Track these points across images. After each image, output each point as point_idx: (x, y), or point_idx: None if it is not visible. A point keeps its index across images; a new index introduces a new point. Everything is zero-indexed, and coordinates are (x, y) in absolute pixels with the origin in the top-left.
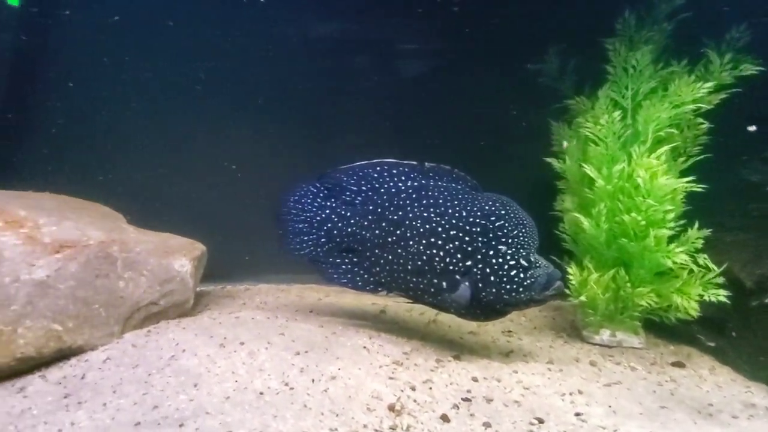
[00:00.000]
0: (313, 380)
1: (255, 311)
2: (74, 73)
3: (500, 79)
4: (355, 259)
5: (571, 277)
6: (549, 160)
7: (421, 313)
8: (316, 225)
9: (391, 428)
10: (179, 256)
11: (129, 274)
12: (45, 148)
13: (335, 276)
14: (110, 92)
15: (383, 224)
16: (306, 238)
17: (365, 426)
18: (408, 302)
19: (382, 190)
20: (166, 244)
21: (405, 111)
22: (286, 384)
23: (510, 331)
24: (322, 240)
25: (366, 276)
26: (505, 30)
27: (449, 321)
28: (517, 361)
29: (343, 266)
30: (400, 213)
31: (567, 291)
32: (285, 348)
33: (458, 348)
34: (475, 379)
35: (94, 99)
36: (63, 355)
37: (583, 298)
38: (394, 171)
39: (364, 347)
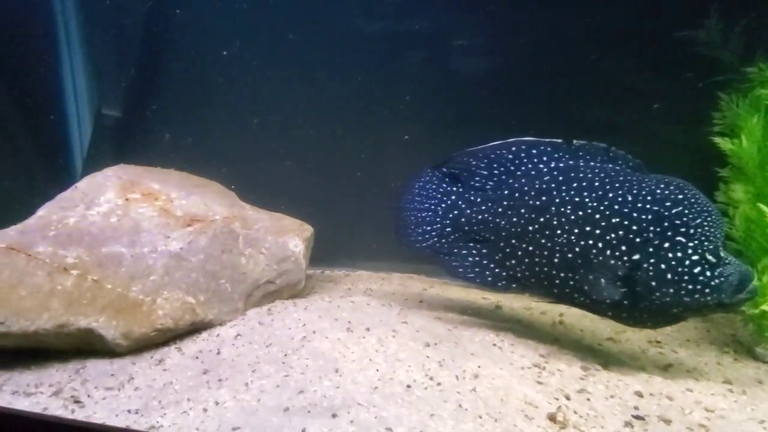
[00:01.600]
0: (456, 377)
1: (366, 297)
2: (198, 64)
3: (643, 50)
4: (484, 251)
5: None
6: (717, 140)
7: (542, 312)
8: (441, 213)
9: None
10: (293, 236)
11: (249, 251)
12: (171, 134)
13: (460, 270)
14: (229, 83)
15: (522, 211)
16: (428, 228)
17: None
18: (549, 302)
19: (519, 173)
20: (279, 223)
21: (530, 91)
22: (431, 378)
23: (658, 342)
24: (447, 230)
25: (498, 270)
26: None
27: (578, 324)
28: (684, 378)
29: (470, 258)
30: (544, 198)
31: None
32: (412, 338)
33: (601, 356)
34: (639, 394)
35: (216, 91)
36: (195, 328)
37: (765, 307)
38: (534, 151)
39: (494, 345)
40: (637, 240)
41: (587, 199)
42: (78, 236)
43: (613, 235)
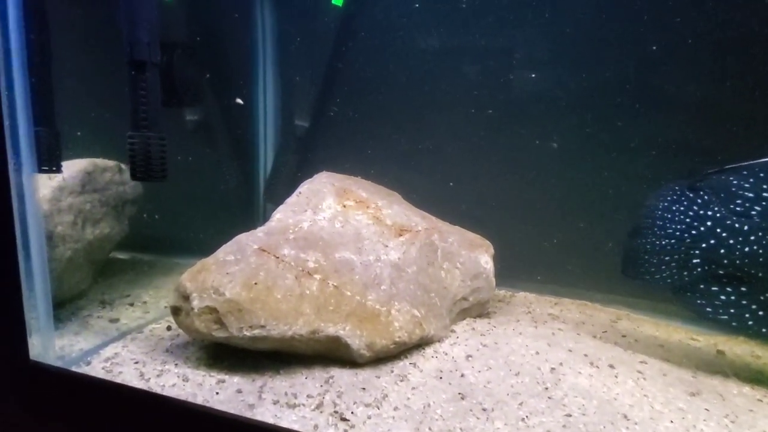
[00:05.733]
0: None
1: (564, 324)
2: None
3: None
4: (743, 289)
5: None
6: None
7: None
8: (688, 241)
9: None
10: (482, 252)
11: (447, 265)
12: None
13: (709, 309)
14: (413, 95)
15: None
16: (669, 258)
17: None
18: None
19: None
20: (466, 237)
21: None
22: None
23: None
24: (695, 261)
25: (762, 314)
26: None
27: None
28: None
29: (723, 297)
30: None
31: None
32: (666, 384)
33: None
34: None
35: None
36: (421, 344)
37: None
38: None
39: (760, 400)
40: None
41: None
42: (313, 240)
43: None
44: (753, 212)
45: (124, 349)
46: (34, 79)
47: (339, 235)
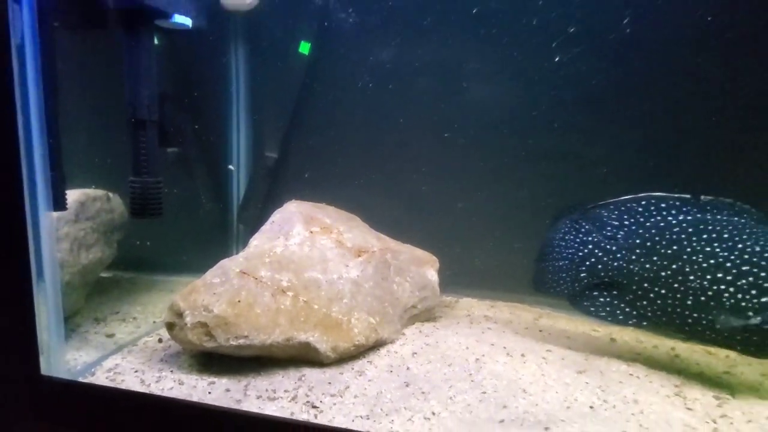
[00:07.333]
0: (622, 401)
1: (494, 324)
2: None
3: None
4: (615, 293)
5: None
6: None
7: (654, 346)
8: (577, 261)
9: None
10: (429, 267)
11: (398, 279)
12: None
13: (592, 309)
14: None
15: (654, 258)
16: (565, 275)
17: None
18: (682, 340)
19: (649, 224)
20: (414, 254)
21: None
22: (605, 401)
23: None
24: (582, 275)
25: (629, 310)
26: None
27: (692, 358)
28: None
29: (602, 299)
30: (675, 247)
31: None
32: (562, 365)
33: (725, 387)
34: None
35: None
36: (376, 345)
37: None
38: (663, 205)
39: (631, 374)
40: (765, 285)
41: (718, 249)
42: (286, 263)
43: (743, 281)
44: (618, 236)
45: (123, 360)
46: (51, 140)
47: (307, 257)
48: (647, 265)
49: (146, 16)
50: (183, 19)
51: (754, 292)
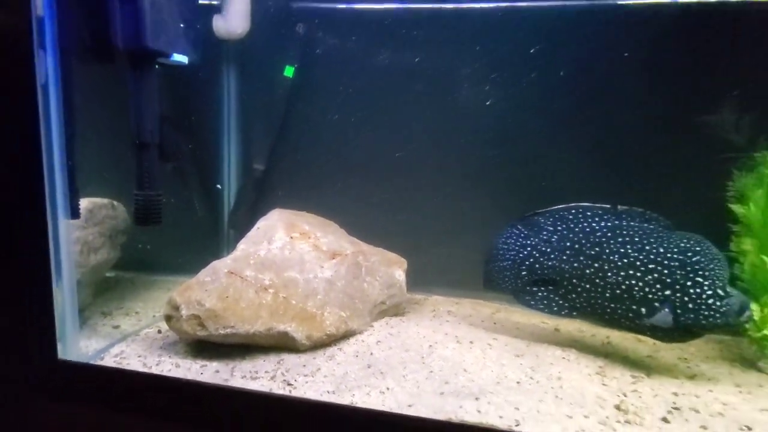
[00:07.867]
0: (547, 378)
1: (454, 317)
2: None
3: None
4: (551, 288)
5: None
6: (733, 206)
7: (592, 335)
8: (518, 261)
9: (626, 421)
10: (397, 268)
11: (369, 279)
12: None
13: (532, 302)
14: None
15: (581, 258)
16: (509, 273)
17: (607, 417)
18: (602, 326)
19: (577, 229)
20: (385, 256)
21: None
22: (531, 378)
23: (685, 359)
24: (523, 273)
25: (561, 302)
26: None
27: (621, 344)
28: (706, 383)
29: (539, 294)
30: (597, 249)
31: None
32: (504, 351)
33: (644, 368)
34: (675, 394)
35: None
36: (346, 335)
37: (765, 332)
38: (588, 213)
39: (563, 357)
40: (668, 280)
41: (630, 250)
42: (268, 264)
43: (650, 277)
44: (552, 240)
45: (128, 347)
46: (69, 162)
47: (287, 260)
48: (575, 264)
49: (149, 57)
50: (181, 57)
51: (658, 286)
